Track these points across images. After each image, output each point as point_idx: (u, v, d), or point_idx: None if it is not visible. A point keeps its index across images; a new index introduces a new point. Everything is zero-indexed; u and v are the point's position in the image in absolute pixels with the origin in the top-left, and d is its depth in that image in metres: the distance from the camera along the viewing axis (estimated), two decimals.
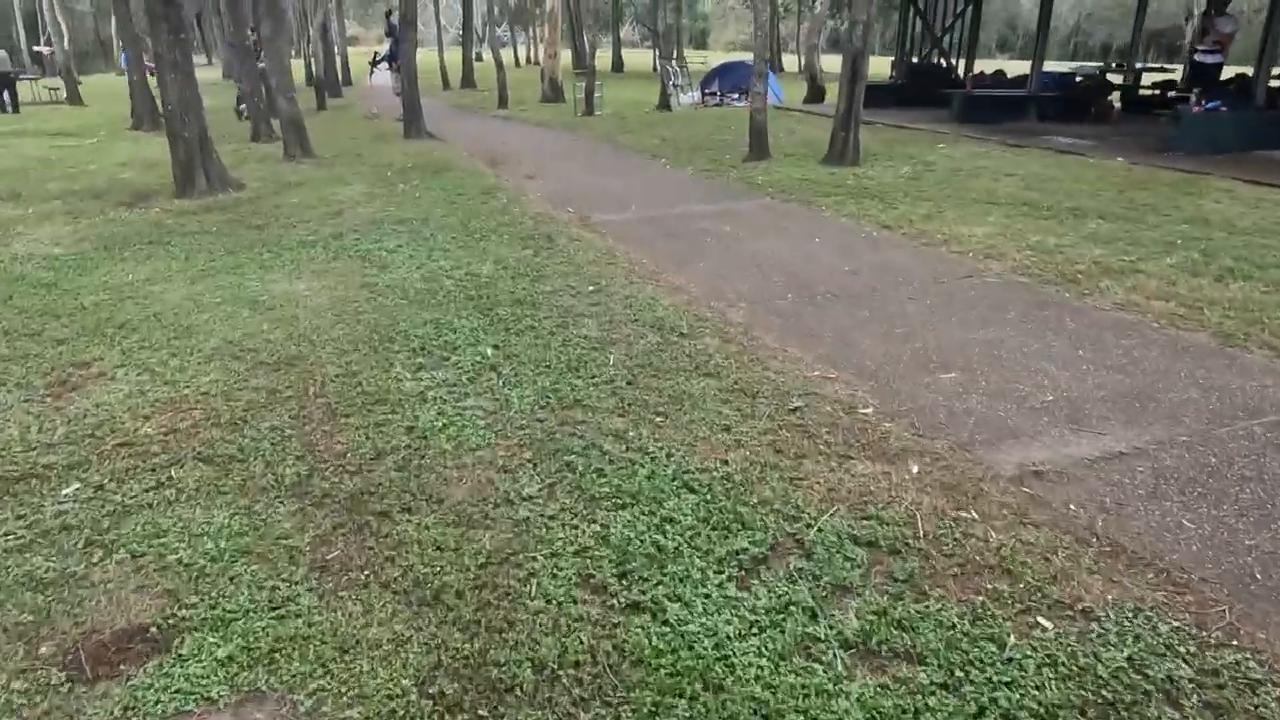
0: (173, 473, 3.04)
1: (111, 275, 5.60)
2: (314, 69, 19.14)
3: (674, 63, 17.92)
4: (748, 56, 31.31)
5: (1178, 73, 19.73)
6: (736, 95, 19.62)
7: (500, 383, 3.77)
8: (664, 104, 17.69)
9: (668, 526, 2.65)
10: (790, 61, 39.23)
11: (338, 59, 26.71)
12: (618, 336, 4.30)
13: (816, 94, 17.60)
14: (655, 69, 37.69)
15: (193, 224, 7.06)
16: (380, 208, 7.67)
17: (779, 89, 20.14)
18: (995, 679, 2.01)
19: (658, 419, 3.40)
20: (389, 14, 16.78)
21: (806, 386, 3.69)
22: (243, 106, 13.96)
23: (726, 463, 3.05)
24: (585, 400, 3.56)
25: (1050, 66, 16.74)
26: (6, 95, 17.87)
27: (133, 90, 14.18)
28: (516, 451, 3.17)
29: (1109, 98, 13.46)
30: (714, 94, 19.72)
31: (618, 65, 37.40)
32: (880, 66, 40.72)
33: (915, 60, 16.57)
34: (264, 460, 3.12)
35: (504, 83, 18.94)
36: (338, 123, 15.91)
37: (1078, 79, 13.95)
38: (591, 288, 5.13)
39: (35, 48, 26.46)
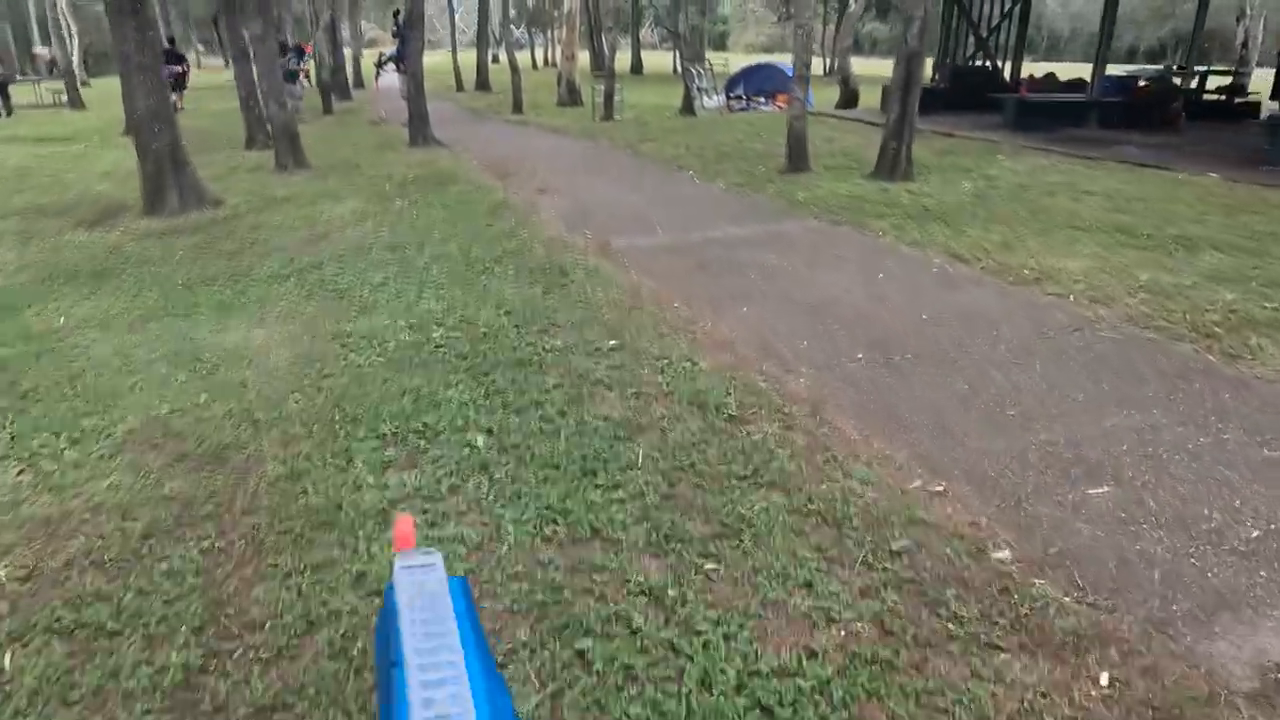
0: (8, 659, 2.10)
1: (42, 317, 4.70)
2: (319, 71, 18.37)
3: (698, 65, 16.93)
4: (773, 59, 30.24)
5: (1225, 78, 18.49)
6: (763, 99, 18.63)
7: (491, 494, 2.80)
8: (687, 108, 16.73)
9: None
10: (814, 63, 38.12)
11: (349, 60, 26.02)
12: (647, 420, 3.32)
13: (850, 98, 16.55)
14: (676, 71, 36.74)
15: (155, 250, 6.16)
16: (371, 229, 6.74)
17: (810, 92, 19.11)
18: None
19: (708, 565, 2.42)
20: (396, 14, 15.89)
21: (908, 508, 2.70)
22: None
23: (814, 655, 2.06)
24: (606, 529, 2.59)
25: (1083, 70, 15.59)
26: None
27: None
28: (507, 623, 2.20)
29: (1176, 103, 12.32)
30: (739, 98, 18.73)
31: (637, 67, 36.52)
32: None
33: (958, 62, 15.47)
34: (145, 635, 2.17)
35: (519, 86, 18.04)
36: (342, 128, 15.06)
37: (1140, 83, 12.83)
38: (613, 343, 4.16)
39: (34, 50, 25.91)
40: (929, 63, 16.63)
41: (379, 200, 7.91)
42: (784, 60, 33.93)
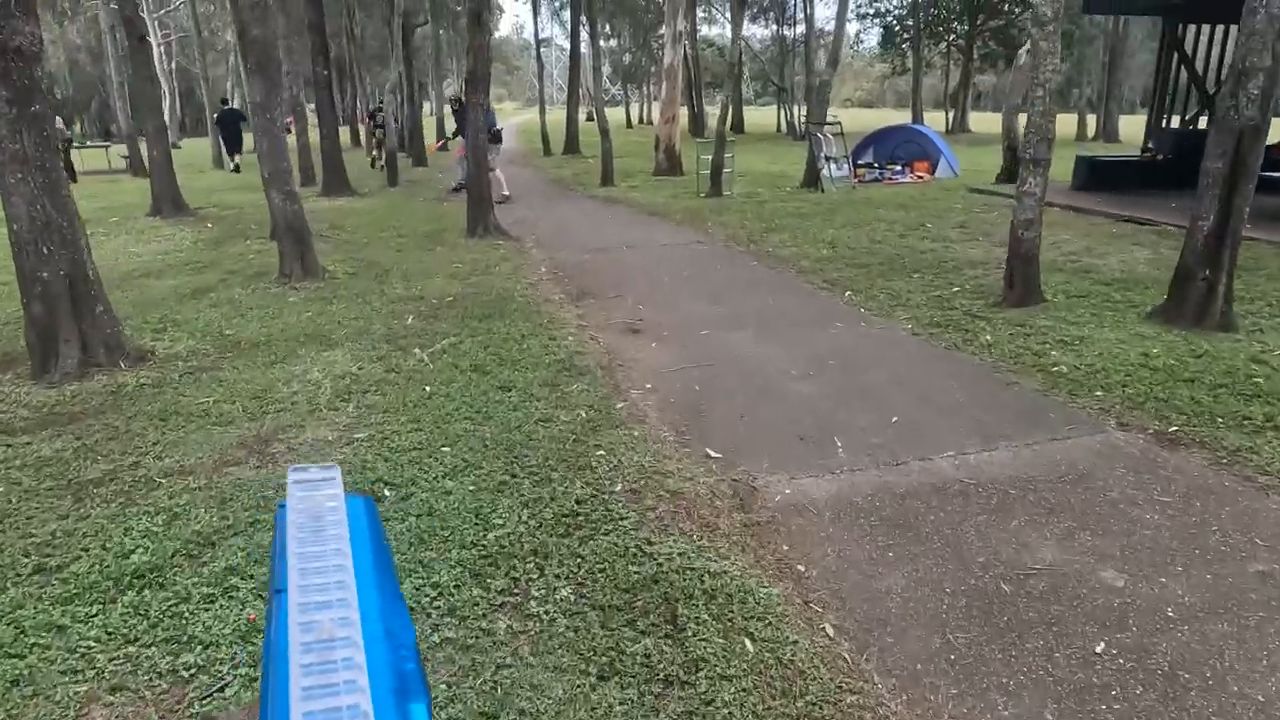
0: None
1: None
2: (379, 138, 16.46)
3: (824, 129, 14.10)
4: (877, 115, 26.90)
5: None
6: (899, 168, 15.61)
7: None
8: (810, 181, 13.84)
9: None
10: (933, 119, 34.83)
11: (433, 123, 24.53)
12: None
13: (1014, 169, 13.31)
14: (781, 129, 34.04)
15: None
16: (352, 421, 4.06)
17: (952, 155, 16.00)
18: None
19: None
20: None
21: None
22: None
23: None
24: None
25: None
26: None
27: (152, 168, 11.51)
28: None
29: None
30: (871, 166, 15.76)
31: (738, 125, 34.14)
32: (1064, 125, 34.75)
33: (1170, 124, 12.08)
34: None
35: (609, 153, 15.56)
36: (398, 206, 12.83)
37: None
38: None
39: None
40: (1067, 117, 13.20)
41: (388, 347, 5.26)
42: (903, 117, 30.78)
